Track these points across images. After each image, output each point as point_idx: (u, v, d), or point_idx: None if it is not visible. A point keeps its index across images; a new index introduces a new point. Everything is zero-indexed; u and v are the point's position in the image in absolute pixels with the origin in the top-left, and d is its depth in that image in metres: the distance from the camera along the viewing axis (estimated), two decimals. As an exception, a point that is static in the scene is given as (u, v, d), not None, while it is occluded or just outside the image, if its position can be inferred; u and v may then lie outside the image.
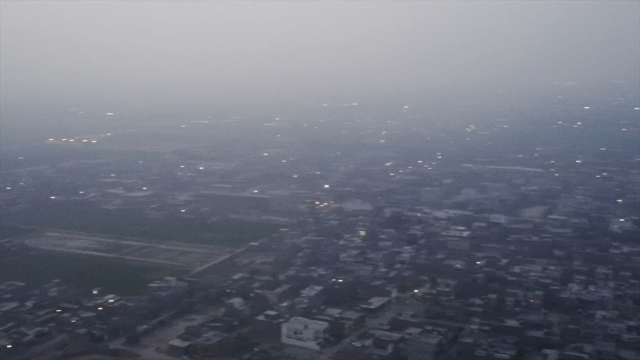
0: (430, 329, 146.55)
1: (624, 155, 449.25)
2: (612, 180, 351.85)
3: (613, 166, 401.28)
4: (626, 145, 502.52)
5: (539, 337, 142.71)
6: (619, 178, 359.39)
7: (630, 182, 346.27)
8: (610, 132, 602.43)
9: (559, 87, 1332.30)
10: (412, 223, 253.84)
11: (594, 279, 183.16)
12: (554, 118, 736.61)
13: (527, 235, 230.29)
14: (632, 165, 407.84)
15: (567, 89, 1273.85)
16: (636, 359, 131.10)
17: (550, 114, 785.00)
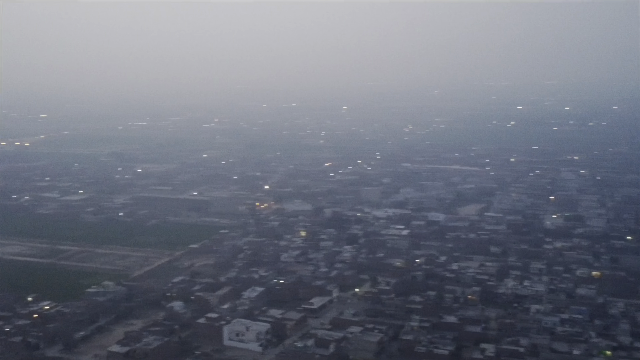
0: (371, 327, 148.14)
1: (555, 153, 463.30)
2: (544, 178, 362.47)
3: (545, 164, 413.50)
4: (557, 143, 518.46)
5: (476, 332, 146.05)
6: (551, 175, 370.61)
7: (561, 180, 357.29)
8: (543, 131, 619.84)
9: (494, 87, 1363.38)
10: (352, 223, 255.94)
11: (528, 274, 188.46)
12: (488, 118, 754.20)
13: (464, 233, 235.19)
14: (563, 163, 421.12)
15: (501, 89, 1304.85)
16: (569, 351, 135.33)
17: (485, 114, 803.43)
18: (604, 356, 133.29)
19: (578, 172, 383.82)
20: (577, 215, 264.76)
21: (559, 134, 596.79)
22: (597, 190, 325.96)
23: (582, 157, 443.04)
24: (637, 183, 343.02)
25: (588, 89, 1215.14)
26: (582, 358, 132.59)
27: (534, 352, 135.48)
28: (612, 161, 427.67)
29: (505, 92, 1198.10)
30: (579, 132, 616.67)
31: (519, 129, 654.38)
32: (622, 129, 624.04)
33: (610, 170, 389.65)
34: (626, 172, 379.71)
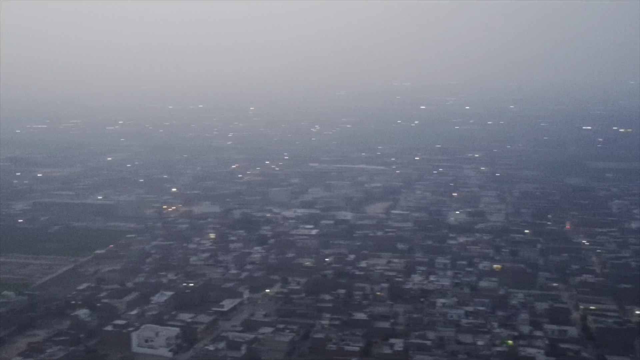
0: (282, 328, 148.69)
1: (457, 151, 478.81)
2: (447, 176, 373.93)
3: (448, 162, 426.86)
4: (459, 141, 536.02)
5: (385, 327, 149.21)
6: (454, 173, 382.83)
7: (463, 177, 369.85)
8: (445, 130, 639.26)
9: (397, 88, 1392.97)
10: (261, 224, 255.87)
11: (434, 269, 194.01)
12: (393, 117, 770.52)
13: (372, 231, 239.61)
14: (465, 160, 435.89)
15: (404, 89, 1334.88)
16: (474, 342, 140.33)
17: (389, 114, 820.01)
18: (506, 345, 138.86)
19: (479, 169, 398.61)
20: (478, 211, 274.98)
21: (460, 133, 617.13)
22: (496, 187, 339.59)
23: (482, 155, 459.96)
24: (533, 179, 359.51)
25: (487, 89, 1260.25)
26: (485, 348, 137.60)
27: (440, 345, 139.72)
28: (510, 158, 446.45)
29: (409, 93, 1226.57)
30: (479, 130, 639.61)
31: (423, 128, 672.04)
32: (518, 127, 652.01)
33: (508, 166, 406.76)
34: (523, 169, 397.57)
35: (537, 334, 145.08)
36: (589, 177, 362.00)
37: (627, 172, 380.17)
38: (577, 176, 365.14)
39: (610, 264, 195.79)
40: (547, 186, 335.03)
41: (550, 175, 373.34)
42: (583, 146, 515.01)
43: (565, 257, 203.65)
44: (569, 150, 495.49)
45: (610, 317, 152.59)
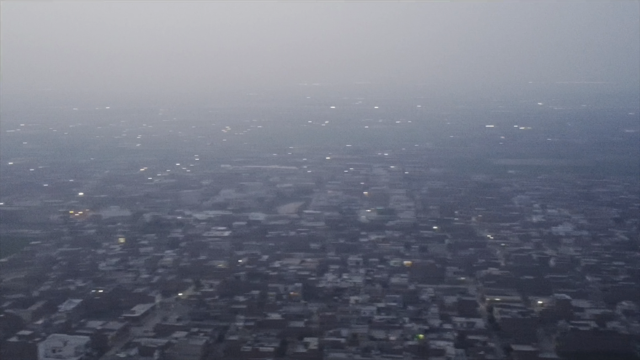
0: (196, 331, 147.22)
1: (367, 150, 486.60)
2: (358, 175, 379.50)
3: (359, 161, 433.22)
4: (369, 141, 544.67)
5: (300, 327, 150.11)
6: (364, 172, 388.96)
7: (373, 175, 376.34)
8: (355, 130, 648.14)
9: (307, 88, 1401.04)
10: (173, 226, 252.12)
11: (346, 267, 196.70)
12: (304, 117, 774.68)
13: (284, 231, 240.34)
14: (375, 159, 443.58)
15: (314, 90, 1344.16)
16: (386, 337, 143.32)
17: (300, 114, 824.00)
18: (417, 339, 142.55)
19: (388, 167, 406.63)
20: (389, 209, 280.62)
21: (370, 132, 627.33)
22: (406, 184, 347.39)
23: (392, 154, 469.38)
24: (440, 176, 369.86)
25: (396, 89, 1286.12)
26: (398, 343, 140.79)
27: (354, 342, 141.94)
28: (418, 156, 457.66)
29: (318, 93, 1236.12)
30: (387, 129, 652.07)
31: (333, 127, 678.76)
32: (425, 126, 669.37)
33: (416, 165, 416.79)
34: (430, 166, 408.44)
35: (447, 327, 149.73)
36: (492, 174, 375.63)
37: (527, 169, 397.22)
38: (482, 173, 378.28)
39: (514, 257, 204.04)
40: (454, 183, 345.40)
41: (457, 172, 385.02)
42: (486, 144, 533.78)
43: (472, 252, 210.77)
44: (473, 148, 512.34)
45: (515, 308, 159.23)
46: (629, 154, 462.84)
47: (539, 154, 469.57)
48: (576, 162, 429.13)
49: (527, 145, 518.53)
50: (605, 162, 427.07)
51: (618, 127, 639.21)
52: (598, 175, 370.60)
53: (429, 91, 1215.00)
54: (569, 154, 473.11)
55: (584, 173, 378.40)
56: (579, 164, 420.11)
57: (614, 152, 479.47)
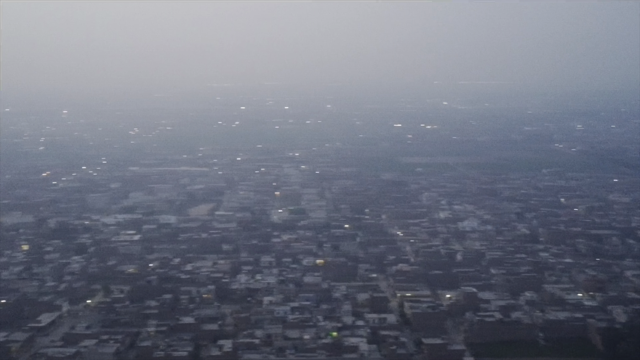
0: (106, 339, 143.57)
1: (278, 150, 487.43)
2: (269, 175, 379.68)
3: (270, 161, 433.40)
4: (280, 141, 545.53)
5: (214, 329, 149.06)
6: (276, 172, 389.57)
7: (285, 175, 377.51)
8: (265, 130, 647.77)
9: (217, 89, 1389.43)
10: (79, 232, 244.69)
11: (259, 268, 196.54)
12: (214, 118, 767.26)
13: (196, 233, 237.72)
14: (286, 159, 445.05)
15: (224, 90, 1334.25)
16: (301, 336, 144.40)
17: (210, 115, 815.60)
18: (331, 337, 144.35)
19: (299, 167, 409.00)
20: (300, 208, 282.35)
21: (280, 132, 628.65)
22: (317, 184, 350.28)
23: (302, 153, 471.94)
24: (351, 175, 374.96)
25: (306, 89, 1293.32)
26: (312, 341, 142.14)
27: (269, 342, 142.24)
28: (329, 156, 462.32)
29: (228, 94, 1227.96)
30: (298, 129, 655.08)
31: (244, 128, 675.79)
32: (335, 126, 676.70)
33: (327, 164, 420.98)
34: (341, 166, 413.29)
35: (359, 324, 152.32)
36: (401, 172, 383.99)
37: (434, 166, 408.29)
38: (391, 171, 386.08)
39: (423, 253, 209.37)
40: (364, 182, 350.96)
41: (366, 171, 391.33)
42: (395, 143, 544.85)
43: (383, 249, 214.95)
44: (382, 146, 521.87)
45: (424, 302, 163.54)
46: (529, 151, 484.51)
47: (444, 152, 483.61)
48: (480, 160, 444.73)
49: (434, 144, 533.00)
50: (506, 159, 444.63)
51: (518, 125, 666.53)
52: (500, 171, 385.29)
53: (338, 91, 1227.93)
54: (473, 151, 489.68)
55: (487, 170, 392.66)
56: (482, 161, 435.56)
57: (514, 149, 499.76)
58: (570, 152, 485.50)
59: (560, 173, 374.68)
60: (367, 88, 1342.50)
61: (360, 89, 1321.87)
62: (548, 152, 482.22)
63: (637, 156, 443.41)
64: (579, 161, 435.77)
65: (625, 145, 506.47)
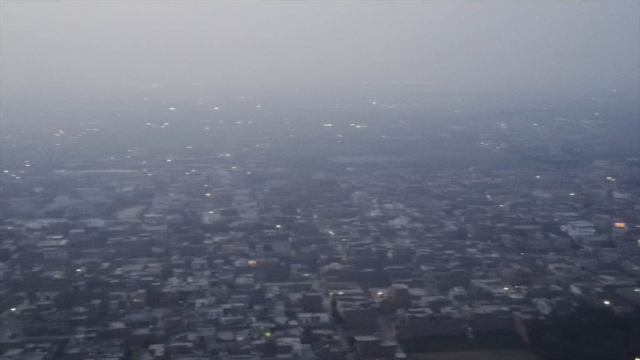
0: (32, 347, 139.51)
1: (208, 152, 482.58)
2: (200, 176, 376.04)
3: (200, 163, 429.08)
4: (210, 142, 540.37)
5: (145, 334, 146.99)
6: (206, 173, 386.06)
7: (216, 177, 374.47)
8: (195, 131, 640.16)
9: (145, 89, 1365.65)
10: (3, 238, 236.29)
11: (191, 270, 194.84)
12: (142, 120, 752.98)
13: (125, 237, 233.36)
14: (217, 160, 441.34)
15: (152, 91, 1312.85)
16: (234, 338, 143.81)
17: (139, 116, 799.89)
18: (264, 338, 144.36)
19: (230, 168, 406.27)
20: (232, 210, 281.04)
21: (210, 133, 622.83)
22: (248, 185, 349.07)
23: (233, 154, 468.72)
24: (282, 175, 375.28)
25: (236, 90, 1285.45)
26: (245, 343, 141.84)
27: (201, 345, 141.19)
28: (260, 156, 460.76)
29: (157, 95, 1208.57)
30: (228, 130, 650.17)
31: (173, 129, 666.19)
32: (266, 126, 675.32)
33: (258, 164, 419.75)
34: (272, 166, 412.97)
35: (293, 324, 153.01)
36: (332, 172, 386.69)
37: (364, 165, 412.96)
38: (322, 171, 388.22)
39: (354, 251, 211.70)
40: (295, 182, 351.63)
41: (297, 171, 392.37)
42: (325, 142, 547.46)
43: (315, 248, 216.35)
44: (312, 146, 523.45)
45: (357, 300, 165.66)
46: (455, 149, 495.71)
47: (374, 151, 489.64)
48: (409, 158, 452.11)
49: (363, 143, 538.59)
50: (434, 157, 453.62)
51: (445, 124, 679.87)
52: (428, 169, 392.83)
53: (268, 92, 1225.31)
54: (402, 150, 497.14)
55: (416, 168, 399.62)
56: (411, 160, 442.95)
57: (442, 147, 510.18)
58: (495, 150, 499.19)
59: (486, 170, 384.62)
60: (296, 88, 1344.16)
61: (290, 89, 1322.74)
62: (474, 150, 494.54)
63: (557, 153, 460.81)
64: (504, 159, 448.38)
65: (546, 142, 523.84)
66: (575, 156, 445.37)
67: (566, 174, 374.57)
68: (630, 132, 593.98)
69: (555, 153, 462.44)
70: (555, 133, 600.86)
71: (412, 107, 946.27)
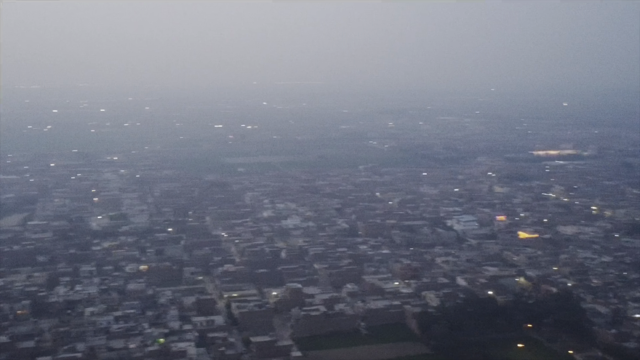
0: None
1: (95, 155, 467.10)
2: (87, 180, 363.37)
3: (87, 166, 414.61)
4: (97, 145, 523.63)
5: (30, 347, 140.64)
6: (94, 177, 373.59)
7: (104, 180, 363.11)
8: (81, 134, 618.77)
9: (25, 90, 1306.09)
10: None
11: (79, 278, 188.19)
12: (23, 122, 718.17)
13: (7, 245, 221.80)
14: (104, 164, 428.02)
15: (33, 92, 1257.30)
16: (126, 346, 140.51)
17: (18, 119, 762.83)
18: (158, 344, 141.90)
19: (119, 171, 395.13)
20: (121, 214, 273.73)
21: (97, 136, 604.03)
22: (138, 188, 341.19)
23: (122, 157, 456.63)
24: (173, 178, 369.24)
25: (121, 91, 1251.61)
26: (138, 350, 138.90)
27: (92, 355, 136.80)
28: (149, 159, 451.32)
29: (38, 96, 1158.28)
30: (116, 133, 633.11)
31: (57, 132, 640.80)
32: (155, 128, 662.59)
33: (148, 167, 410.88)
34: (162, 168, 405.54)
35: (187, 328, 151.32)
36: (223, 173, 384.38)
37: (256, 166, 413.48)
38: (213, 172, 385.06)
39: (248, 252, 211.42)
40: (186, 184, 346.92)
41: (189, 173, 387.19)
42: (216, 143, 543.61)
43: (208, 250, 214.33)
44: (203, 148, 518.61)
45: (251, 301, 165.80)
46: (345, 148, 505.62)
47: (266, 152, 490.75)
48: (300, 158, 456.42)
49: (255, 144, 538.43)
50: (325, 157, 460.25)
51: (335, 123, 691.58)
52: (319, 169, 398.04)
53: (157, 93, 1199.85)
54: (293, 150, 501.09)
55: (307, 168, 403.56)
56: (302, 160, 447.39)
57: (332, 146, 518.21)
58: (384, 149, 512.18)
59: (375, 168, 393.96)
60: (186, 89, 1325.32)
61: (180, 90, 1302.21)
62: (363, 149, 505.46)
63: (442, 150, 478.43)
64: (392, 157, 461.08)
65: (431, 140, 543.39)
66: (459, 153, 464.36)
67: (450, 170, 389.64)
68: (507, 129, 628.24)
69: (440, 150, 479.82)
70: (440, 131, 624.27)
71: (302, 107, 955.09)
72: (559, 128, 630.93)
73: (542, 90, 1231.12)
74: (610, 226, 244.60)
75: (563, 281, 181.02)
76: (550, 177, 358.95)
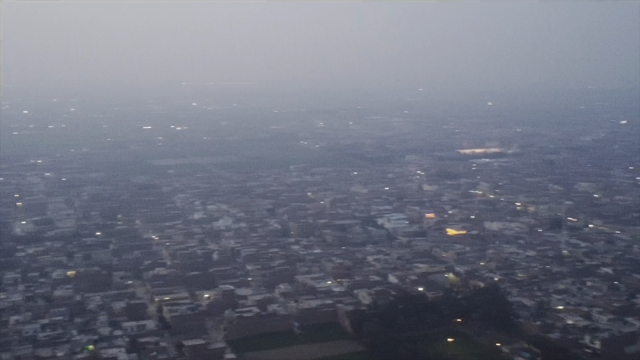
0: None
1: (18, 158, 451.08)
2: (9, 185, 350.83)
3: (9, 170, 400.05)
4: (20, 148, 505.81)
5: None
6: (16, 181, 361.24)
7: (27, 184, 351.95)
8: (2, 137, 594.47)
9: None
10: None
11: (3, 286, 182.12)
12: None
13: None
14: (28, 167, 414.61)
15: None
16: (53, 354, 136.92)
17: None
18: (87, 351, 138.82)
19: (43, 175, 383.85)
20: (47, 219, 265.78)
21: (20, 139, 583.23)
22: (63, 192, 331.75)
23: (46, 160, 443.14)
24: (100, 180, 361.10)
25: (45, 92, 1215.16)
26: (66, 358, 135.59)
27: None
28: (75, 162, 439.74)
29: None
30: (40, 135, 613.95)
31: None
32: (81, 130, 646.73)
33: (74, 170, 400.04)
34: (89, 171, 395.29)
35: (117, 334, 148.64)
36: (153, 175, 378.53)
37: (186, 168, 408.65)
38: (142, 175, 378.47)
39: (179, 255, 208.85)
40: (115, 187, 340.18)
41: (117, 175, 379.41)
42: (145, 145, 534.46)
43: (138, 254, 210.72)
44: (132, 150, 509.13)
45: (183, 304, 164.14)
46: (276, 149, 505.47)
47: (196, 153, 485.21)
48: (231, 159, 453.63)
49: (185, 145, 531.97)
50: (256, 157, 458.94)
51: (265, 124, 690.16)
52: (251, 169, 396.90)
53: (81, 94, 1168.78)
54: (224, 151, 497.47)
55: (238, 168, 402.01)
56: (233, 160, 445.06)
57: (263, 147, 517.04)
58: (314, 149, 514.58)
59: (306, 169, 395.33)
60: (113, 91, 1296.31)
61: (104, 91, 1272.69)
62: (294, 149, 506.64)
63: (371, 150, 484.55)
64: (323, 156, 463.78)
65: (361, 140, 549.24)
66: (388, 152, 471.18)
67: (380, 169, 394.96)
68: (435, 128, 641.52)
69: (369, 150, 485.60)
70: (369, 131, 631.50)
71: (232, 107, 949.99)
72: (484, 127, 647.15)
73: (470, 90, 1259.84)
74: (534, 221, 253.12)
75: (490, 276, 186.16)
76: (476, 175, 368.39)
